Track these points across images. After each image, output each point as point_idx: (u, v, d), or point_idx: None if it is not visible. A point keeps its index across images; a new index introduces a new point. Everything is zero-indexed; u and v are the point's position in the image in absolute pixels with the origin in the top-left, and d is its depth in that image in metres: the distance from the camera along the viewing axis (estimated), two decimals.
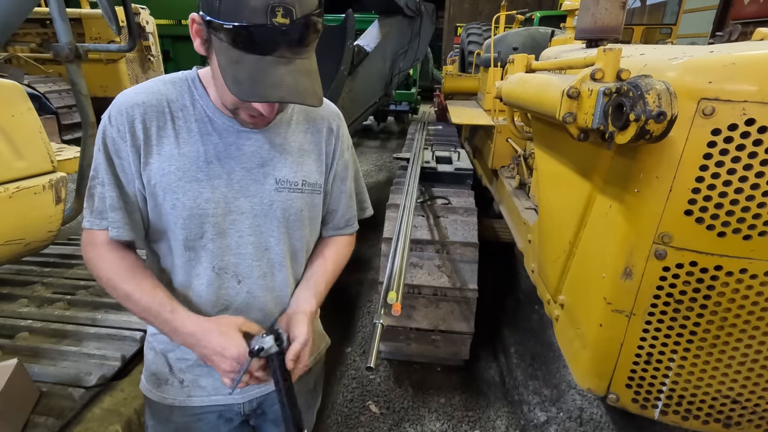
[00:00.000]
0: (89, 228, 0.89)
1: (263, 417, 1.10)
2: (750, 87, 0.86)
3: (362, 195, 1.16)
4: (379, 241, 2.47)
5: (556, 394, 2.37)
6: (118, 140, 0.84)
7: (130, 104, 0.84)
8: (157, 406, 1.02)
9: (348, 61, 3.21)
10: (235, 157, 0.89)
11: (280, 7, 0.69)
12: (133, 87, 0.88)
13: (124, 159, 0.85)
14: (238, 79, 0.73)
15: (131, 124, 0.84)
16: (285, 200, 0.93)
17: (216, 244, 0.90)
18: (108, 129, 0.85)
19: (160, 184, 0.85)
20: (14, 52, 4.98)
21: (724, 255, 0.98)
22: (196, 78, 0.90)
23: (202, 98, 0.89)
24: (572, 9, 2.93)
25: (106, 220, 0.87)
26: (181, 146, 0.86)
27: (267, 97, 0.75)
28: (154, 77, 0.92)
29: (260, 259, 0.94)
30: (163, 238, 0.92)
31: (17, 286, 2.04)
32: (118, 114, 0.84)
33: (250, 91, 0.73)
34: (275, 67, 0.74)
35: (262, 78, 0.73)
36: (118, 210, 0.87)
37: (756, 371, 1.07)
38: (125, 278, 0.87)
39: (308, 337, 0.91)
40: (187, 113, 0.88)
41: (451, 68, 7.32)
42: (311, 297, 0.99)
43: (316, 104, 0.79)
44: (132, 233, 0.89)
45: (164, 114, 0.86)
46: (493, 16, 4.17)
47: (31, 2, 1.79)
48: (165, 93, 0.87)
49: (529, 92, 1.37)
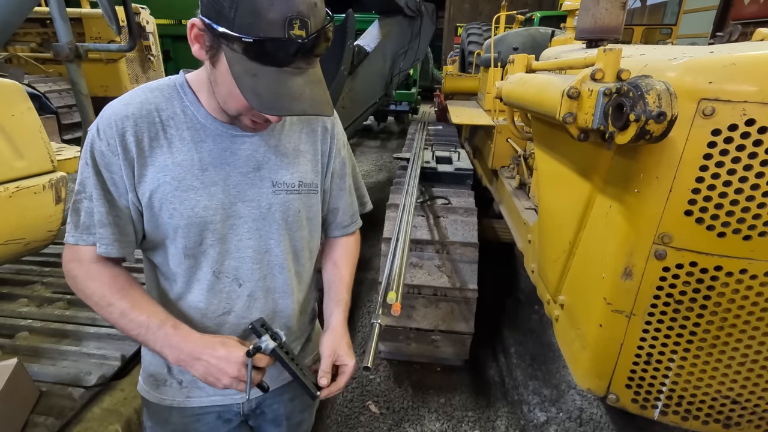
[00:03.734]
0: (74, 243, 0.86)
1: (262, 417, 1.10)
2: (750, 87, 0.86)
3: (361, 190, 1.16)
4: (379, 241, 2.47)
5: (556, 394, 2.37)
6: (108, 154, 0.82)
7: (119, 117, 0.82)
8: (155, 407, 1.01)
9: (348, 61, 3.21)
10: (231, 162, 0.88)
11: (297, 19, 0.69)
12: (119, 98, 0.86)
13: (115, 173, 0.83)
14: (257, 91, 0.72)
15: (122, 137, 0.82)
16: (283, 202, 0.93)
17: (216, 249, 0.89)
18: (96, 143, 0.82)
19: (156, 195, 0.84)
20: (14, 52, 4.98)
21: (724, 255, 0.98)
22: (184, 83, 0.88)
23: (192, 104, 0.87)
24: (572, 9, 2.93)
25: (94, 236, 0.85)
26: (174, 155, 0.84)
27: (290, 111, 0.75)
28: (152, 78, 0.91)
29: (260, 262, 0.94)
30: (161, 247, 0.90)
31: (17, 285, 2.04)
32: (108, 127, 0.82)
33: (271, 104, 0.73)
34: (293, 79, 0.74)
35: (283, 91, 0.73)
36: (107, 226, 0.84)
37: (756, 371, 1.07)
38: (121, 295, 0.85)
39: (353, 368, 0.97)
40: (178, 121, 0.86)
41: (451, 68, 7.32)
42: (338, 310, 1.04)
43: (330, 114, 0.80)
44: (121, 250, 0.86)
45: (155, 124, 0.84)
46: (493, 16, 4.17)
47: (31, 2, 1.79)
48: (153, 102, 0.85)
49: (529, 92, 1.37)
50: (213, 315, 0.93)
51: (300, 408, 1.15)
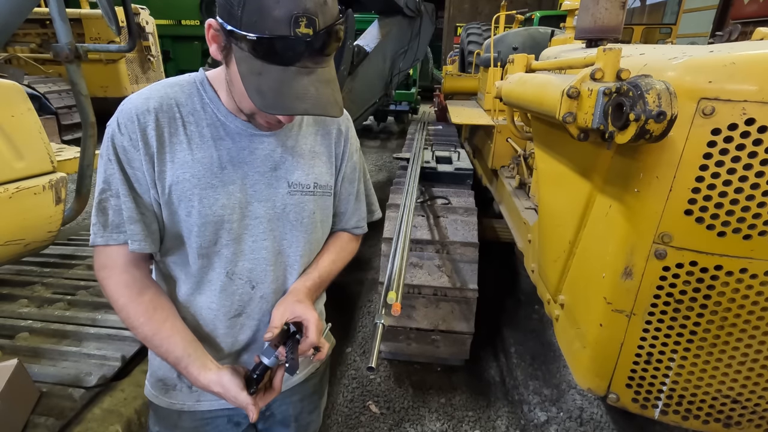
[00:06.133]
0: (104, 244, 0.84)
1: (272, 419, 1.10)
2: (750, 86, 0.86)
3: (371, 197, 1.15)
4: (379, 241, 2.46)
5: (557, 394, 2.37)
6: (130, 149, 0.81)
7: (141, 110, 0.81)
8: (164, 411, 1.00)
9: (348, 61, 3.21)
10: (248, 162, 0.87)
11: (303, 17, 0.67)
12: (138, 92, 0.85)
13: (137, 168, 0.82)
14: (261, 90, 0.72)
15: (143, 131, 0.81)
16: (298, 203, 0.92)
17: (230, 249, 0.89)
18: (118, 137, 0.81)
19: (174, 192, 0.83)
20: (14, 53, 4.99)
21: (724, 255, 0.98)
22: (204, 80, 0.88)
23: (212, 101, 0.86)
24: (572, 9, 2.93)
25: (125, 234, 0.83)
26: (194, 152, 0.84)
27: (292, 110, 0.74)
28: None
29: (274, 263, 0.93)
30: (176, 246, 0.90)
31: (17, 286, 2.04)
32: (129, 121, 0.80)
33: (274, 103, 0.72)
34: (298, 78, 0.73)
35: (286, 90, 0.72)
36: (137, 222, 0.83)
37: (756, 371, 1.07)
38: (146, 318, 0.85)
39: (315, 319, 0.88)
40: (198, 117, 0.85)
41: (451, 68, 7.32)
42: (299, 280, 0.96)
43: (337, 115, 0.78)
44: (153, 245, 0.86)
45: (175, 119, 0.84)
46: (493, 16, 4.17)
47: (31, 2, 1.79)
48: (174, 97, 0.85)
49: (529, 92, 1.37)
50: (224, 317, 0.93)
51: (308, 409, 1.15)
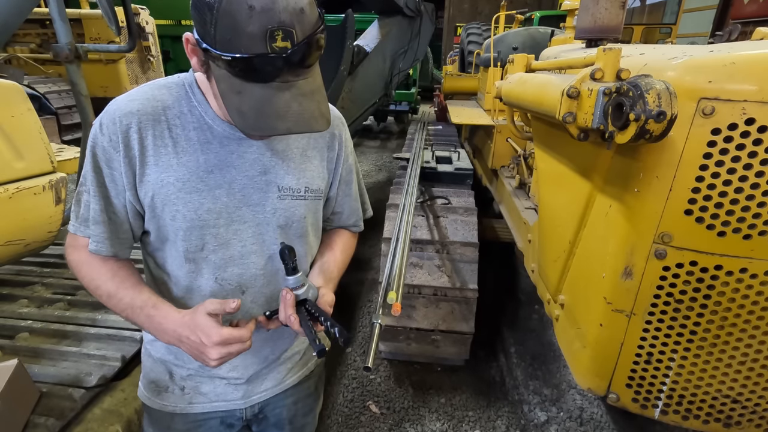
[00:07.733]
0: (73, 233, 0.87)
1: (265, 421, 1.09)
2: (750, 86, 0.86)
3: (363, 197, 1.16)
4: (379, 241, 2.47)
5: (557, 394, 2.37)
6: (110, 150, 0.80)
7: (123, 112, 0.80)
8: (156, 413, 1.00)
9: (348, 61, 3.21)
10: (237, 166, 0.86)
11: (279, 30, 0.64)
12: (125, 93, 0.84)
13: (115, 170, 0.82)
14: (241, 110, 0.70)
15: (125, 134, 0.80)
16: (288, 208, 0.91)
17: (218, 255, 0.88)
18: (99, 138, 0.81)
19: (158, 195, 0.82)
20: (14, 53, 4.98)
21: (724, 254, 0.98)
22: (193, 83, 0.86)
23: (200, 104, 0.84)
24: (572, 9, 2.93)
25: (89, 230, 0.85)
26: (179, 156, 0.82)
27: (274, 130, 0.72)
28: (152, 79, 0.90)
29: (264, 268, 0.92)
30: (164, 249, 0.89)
31: (17, 286, 2.04)
32: (111, 123, 0.80)
33: (255, 123, 0.71)
34: (279, 95, 0.70)
35: (267, 109, 0.70)
36: (100, 224, 0.84)
37: (756, 371, 1.07)
38: (107, 277, 0.85)
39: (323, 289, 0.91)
40: (185, 120, 0.84)
41: (451, 68, 7.31)
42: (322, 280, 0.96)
43: (322, 128, 0.75)
44: (113, 248, 0.86)
45: (160, 122, 0.82)
46: (493, 16, 4.17)
47: (31, 2, 1.79)
48: (160, 99, 0.83)
49: (529, 92, 1.37)
50: None
51: (303, 412, 1.14)
